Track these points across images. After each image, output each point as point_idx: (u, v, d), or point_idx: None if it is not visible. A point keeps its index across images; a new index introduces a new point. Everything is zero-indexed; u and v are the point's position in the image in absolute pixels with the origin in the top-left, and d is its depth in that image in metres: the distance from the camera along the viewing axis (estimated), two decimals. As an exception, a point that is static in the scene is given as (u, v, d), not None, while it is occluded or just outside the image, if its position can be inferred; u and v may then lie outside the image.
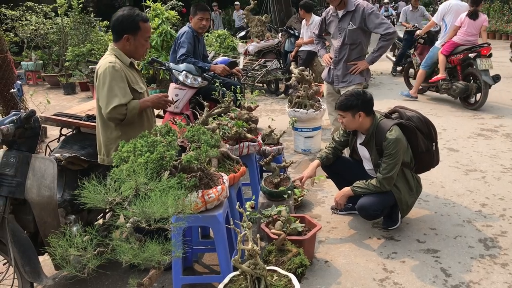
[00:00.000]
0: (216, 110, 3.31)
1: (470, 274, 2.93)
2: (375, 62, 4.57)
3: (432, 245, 3.30)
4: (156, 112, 3.91)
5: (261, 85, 9.12)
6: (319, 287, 2.88)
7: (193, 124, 2.87)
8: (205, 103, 3.22)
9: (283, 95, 8.62)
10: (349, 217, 3.76)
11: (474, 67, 6.58)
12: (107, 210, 3.55)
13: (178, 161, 2.33)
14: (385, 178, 3.22)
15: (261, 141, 3.93)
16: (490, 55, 6.58)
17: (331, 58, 4.66)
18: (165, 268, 3.01)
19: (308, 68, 8.04)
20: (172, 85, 4.65)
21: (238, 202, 2.43)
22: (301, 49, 8.19)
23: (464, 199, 3.99)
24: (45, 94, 8.49)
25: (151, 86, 8.64)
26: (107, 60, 2.89)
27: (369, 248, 3.30)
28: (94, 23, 11.29)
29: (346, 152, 3.94)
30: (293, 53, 8.41)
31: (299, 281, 2.69)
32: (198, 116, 3.27)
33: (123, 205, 1.74)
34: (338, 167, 3.75)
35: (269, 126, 4.29)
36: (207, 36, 9.41)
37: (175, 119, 3.11)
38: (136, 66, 3.12)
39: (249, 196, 3.98)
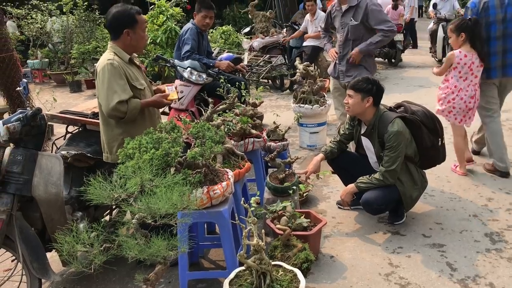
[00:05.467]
0: (220, 107, 3.32)
1: (476, 268, 2.93)
2: (368, 53, 4.50)
3: (437, 239, 3.30)
4: (161, 109, 3.91)
5: (266, 81, 9.12)
6: (325, 282, 2.89)
7: (198, 121, 2.88)
8: (210, 100, 3.23)
9: (288, 91, 8.62)
10: (354, 212, 3.76)
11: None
12: (113, 207, 3.58)
13: (183, 157, 2.34)
14: (387, 171, 3.22)
15: (266, 137, 3.94)
16: (402, 31, 10.51)
17: (336, 53, 4.66)
18: (171, 264, 3.04)
19: (313, 64, 8.04)
20: (177, 82, 4.66)
21: (243, 198, 2.45)
22: (305, 44, 8.18)
23: (470, 194, 3.98)
24: (51, 92, 8.55)
25: (156, 83, 8.67)
26: (105, 57, 2.91)
27: (375, 243, 3.31)
28: (99, 20, 11.32)
29: (352, 147, 3.94)
30: (287, 39, 8.66)
31: (305, 276, 2.71)
32: (203, 112, 3.28)
33: (129, 202, 1.76)
34: (344, 161, 3.75)
35: (274, 122, 4.29)
36: (211, 32, 9.42)
37: (180, 116, 3.12)
38: (137, 63, 3.12)
39: (254, 192, 3.98)
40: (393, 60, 10.58)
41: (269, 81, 9.04)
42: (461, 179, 4.29)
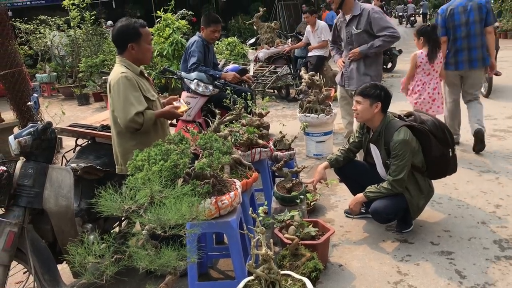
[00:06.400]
0: (227, 118, 3.36)
1: (486, 276, 2.92)
2: (367, 54, 4.56)
3: (446, 247, 3.29)
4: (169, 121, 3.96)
5: (272, 91, 9.18)
6: (333, 291, 2.90)
7: (205, 132, 2.92)
8: (217, 111, 3.27)
9: (294, 101, 8.67)
10: (362, 221, 3.76)
11: None
12: (122, 219, 3.61)
13: (191, 168, 2.37)
14: (395, 180, 3.23)
15: (272, 146, 3.97)
16: None
17: (343, 62, 4.70)
18: (181, 275, 3.06)
19: (318, 73, 8.09)
20: (184, 94, 4.72)
21: (251, 208, 2.47)
22: (310, 54, 8.24)
23: (478, 201, 3.98)
24: (59, 105, 8.65)
25: (163, 95, 8.75)
26: (119, 71, 2.96)
27: (383, 251, 3.31)
28: (106, 34, 11.47)
29: (360, 157, 3.95)
30: (287, 49, 8.72)
31: (314, 285, 2.71)
32: (210, 123, 3.32)
33: (139, 213, 1.79)
34: (352, 171, 3.76)
35: (280, 132, 4.32)
36: (217, 44, 9.51)
37: (188, 127, 3.16)
38: (146, 75, 3.18)
39: (262, 201, 4.00)
40: (388, 66, 10.56)
41: (275, 91, 9.10)
42: (468, 186, 4.28)
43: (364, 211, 3.62)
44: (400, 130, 3.23)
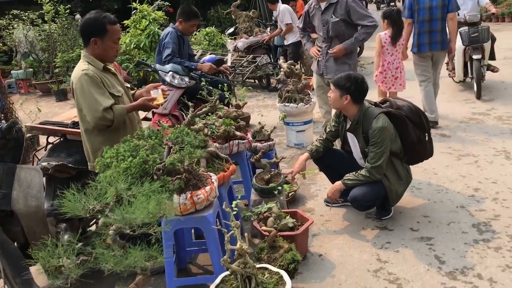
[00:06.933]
0: (202, 110, 3.28)
1: (464, 260, 2.93)
2: (351, 50, 4.53)
3: (425, 232, 3.29)
4: (144, 114, 3.88)
5: (252, 81, 9.10)
6: (313, 281, 2.87)
7: (178, 125, 2.85)
8: (190, 103, 3.20)
9: (276, 90, 8.62)
10: (342, 210, 3.74)
11: None
12: (99, 217, 3.54)
13: (162, 164, 2.31)
14: (373, 167, 3.21)
15: (250, 138, 3.92)
16: None
17: (318, 50, 4.64)
18: (159, 272, 3.02)
19: (298, 61, 8.04)
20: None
21: (225, 202, 2.42)
22: (286, 43, 8.18)
23: (457, 185, 3.99)
24: (36, 102, 8.46)
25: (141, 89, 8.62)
26: (80, 68, 2.87)
27: (363, 239, 3.30)
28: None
29: (338, 145, 3.93)
30: (266, 38, 8.69)
31: (292, 276, 2.70)
32: (184, 116, 3.25)
33: (104, 212, 1.73)
34: (330, 159, 3.73)
35: (259, 123, 4.27)
36: (195, 34, 9.38)
37: (161, 121, 3.09)
38: (111, 69, 3.08)
39: (242, 193, 3.97)
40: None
41: (256, 81, 9.02)
42: (447, 170, 4.30)
43: (342, 200, 3.60)
44: (379, 117, 3.21)
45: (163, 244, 2.75)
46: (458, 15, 6.10)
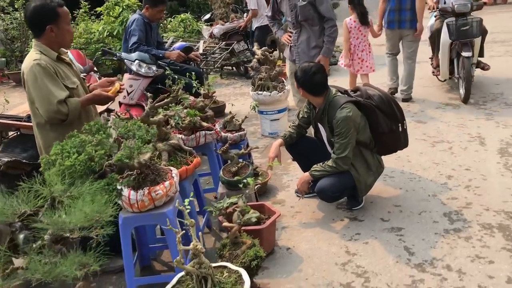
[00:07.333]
0: (162, 101, 3.12)
1: (434, 251, 2.87)
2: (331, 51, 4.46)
3: (396, 223, 3.22)
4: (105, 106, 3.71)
5: (230, 68, 8.93)
6: (280, 277, 2.79)
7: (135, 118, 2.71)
8: (148, 94, 3.06)
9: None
10: (314, 201, 3.64)
11: None
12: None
13: (110, 161, 2.17)
14: (339, 158, 3.12)
15: (218, 128, 3.79)
16: None
17: (290, 36, 4.51)
18: (121, 270, 2.91)
19: (273, 48, 7.88)
20: (126, 76, 4.46)
21: (178, 200, 2.31)
22: (253, 27, 8.07)
23: (430, 172, 3.92)
24: (5, 93, 8.20)
25: (117, 77, 8.42)
26: (31, 57, 2.70)
27: (333, 231, 3.22)
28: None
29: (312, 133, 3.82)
30: (242, 25, 8.51)
31: (256, 273, 2.61)
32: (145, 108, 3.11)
33: (37, 216, 1.60)
34: (302, 147, 3.62)
35: (230, 112, 4.15)
36: (170, 21, 9.14)
37: (118, 113, 2.94)
38: (66, 59, 2.92)
39: (212, 186, 3.86)
40: None
41: (234, 68, 8.86)
42: (421, 157, 4.23)
43: (312, 191, 3.51)
44: (343, 107, 3.10)
45: (121, 242, 2.65)
46: (445, 3, 5.82)
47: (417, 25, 5.51)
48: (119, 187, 2.39)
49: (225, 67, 8.88)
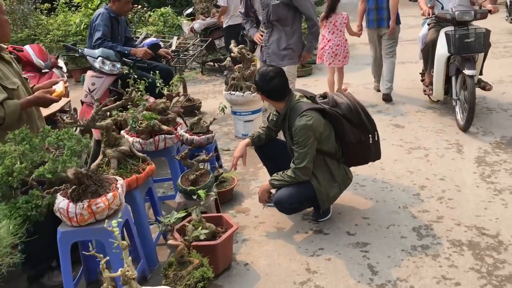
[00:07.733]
0: (115, 104, 2.90)
1: (399, 270, 2.69)
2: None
3: (362, 237, 3.04)
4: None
5: (212, 64, 8.70)
6: (233, 296, 2.60)
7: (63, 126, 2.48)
8: (96, 97, 2.83)
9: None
10: (279, 210, 3.46)
11: None
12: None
13: (32, 176, 1.96)
14: (298, 168, 2.92)
15: (181, 132, 3.59)
16: None
17: (261, 35, 4.30)
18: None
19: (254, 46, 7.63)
20: (89, 73, 4.22)
21: (106, 220, 2.10)
22: (224, 26, 7.70)
23: (403, 181, 3.75)
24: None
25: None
26: None
27: (295, 245, 3.03)
28: (34, 5, 10.56)
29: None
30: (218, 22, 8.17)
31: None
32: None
33: None
34: (271, 150, 3.42)
35: (197, 113, 3.94)
36: (149, 15, 8.87)
37: (61, 117, 2.72)
38: (5, 56, 2.68)
39: (173, 193, 3.65)
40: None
41: (216, 64, 8.61)
42: (396, 165, 4.05)
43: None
44: (303, 114, 2.90)
45: (60, 258, 2.45)
46: (442, 8, 4.98)
47: (390, 23, 5.57)
48: (57, 200, 2.20)
49: (207, 63, 8.64)
